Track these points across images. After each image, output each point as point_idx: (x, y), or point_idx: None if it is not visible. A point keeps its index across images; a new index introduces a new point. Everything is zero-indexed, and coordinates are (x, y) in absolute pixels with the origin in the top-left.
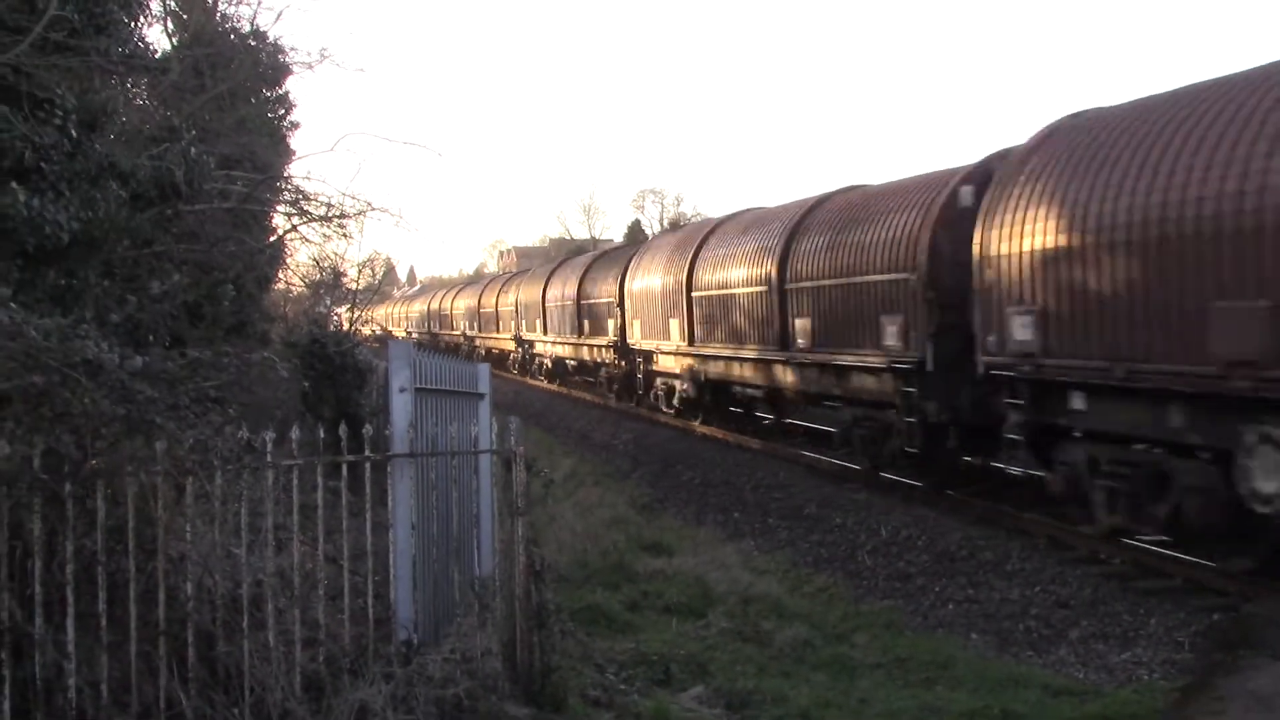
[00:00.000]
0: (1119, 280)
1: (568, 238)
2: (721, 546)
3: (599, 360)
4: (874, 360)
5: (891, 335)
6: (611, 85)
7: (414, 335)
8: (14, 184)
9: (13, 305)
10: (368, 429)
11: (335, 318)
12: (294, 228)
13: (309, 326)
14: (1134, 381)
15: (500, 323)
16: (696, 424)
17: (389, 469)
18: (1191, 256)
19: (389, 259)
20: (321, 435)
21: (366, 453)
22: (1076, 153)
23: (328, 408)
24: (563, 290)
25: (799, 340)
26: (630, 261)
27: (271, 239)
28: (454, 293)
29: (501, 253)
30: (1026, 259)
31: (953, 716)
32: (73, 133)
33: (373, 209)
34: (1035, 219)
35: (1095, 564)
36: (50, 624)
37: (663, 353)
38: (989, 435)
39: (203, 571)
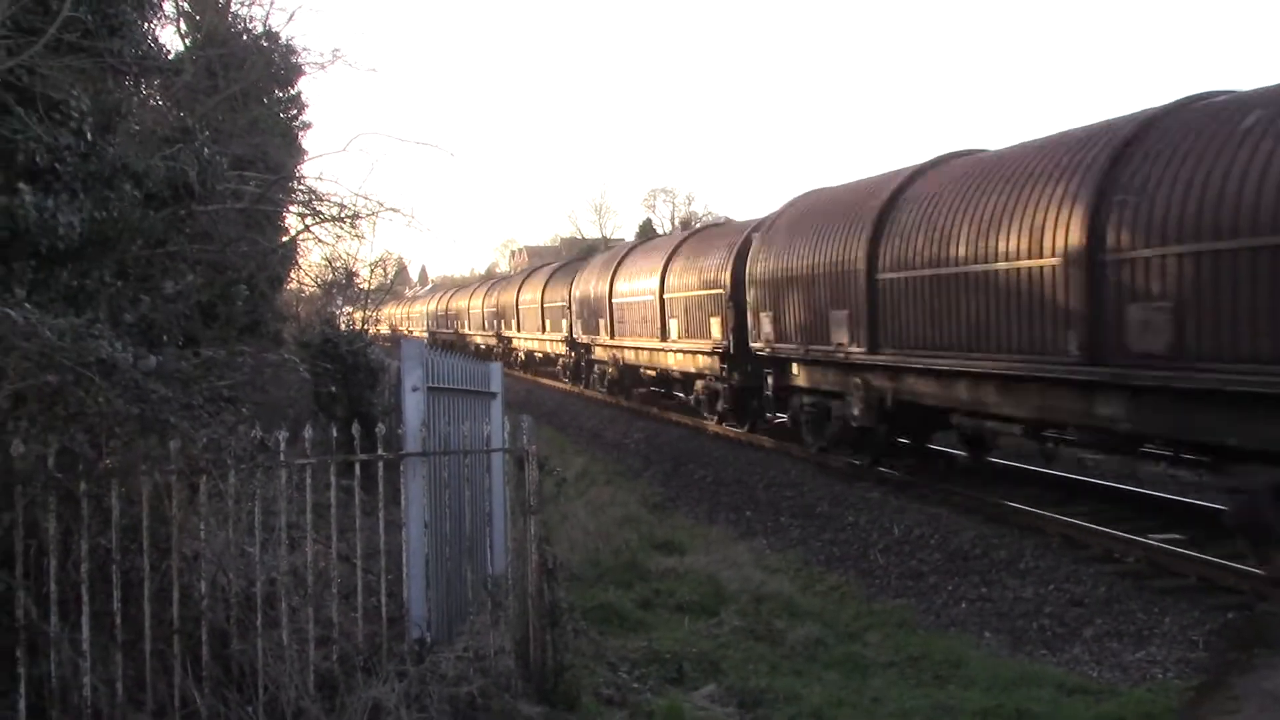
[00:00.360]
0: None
1: (579, 237)
2: (733, 545)
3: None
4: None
5: (715, 329)
6: (623, 84)
7: (425, 334)
8: (28, 185)
9: (27, 305)
10: (381, 428)
11: (347, 317)
12: (306, 228)
13: (321, 326)
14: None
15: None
16: (708, 422)
17: (402, 468)
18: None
19: (401, 259)
20: (334, 434)
21: (379, 451)
22: (791, 222)
23: (340, 407)
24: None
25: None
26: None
27: (284, 239)
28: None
29: (513, 252)
30: (764, 281)
31: (966, 715)
32: (86, 134)
33: (385, 209)
34: (766, 259)
35: (1109, 562)
36: (65, 622)
37: (598, 345)
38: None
39: (217, 570)
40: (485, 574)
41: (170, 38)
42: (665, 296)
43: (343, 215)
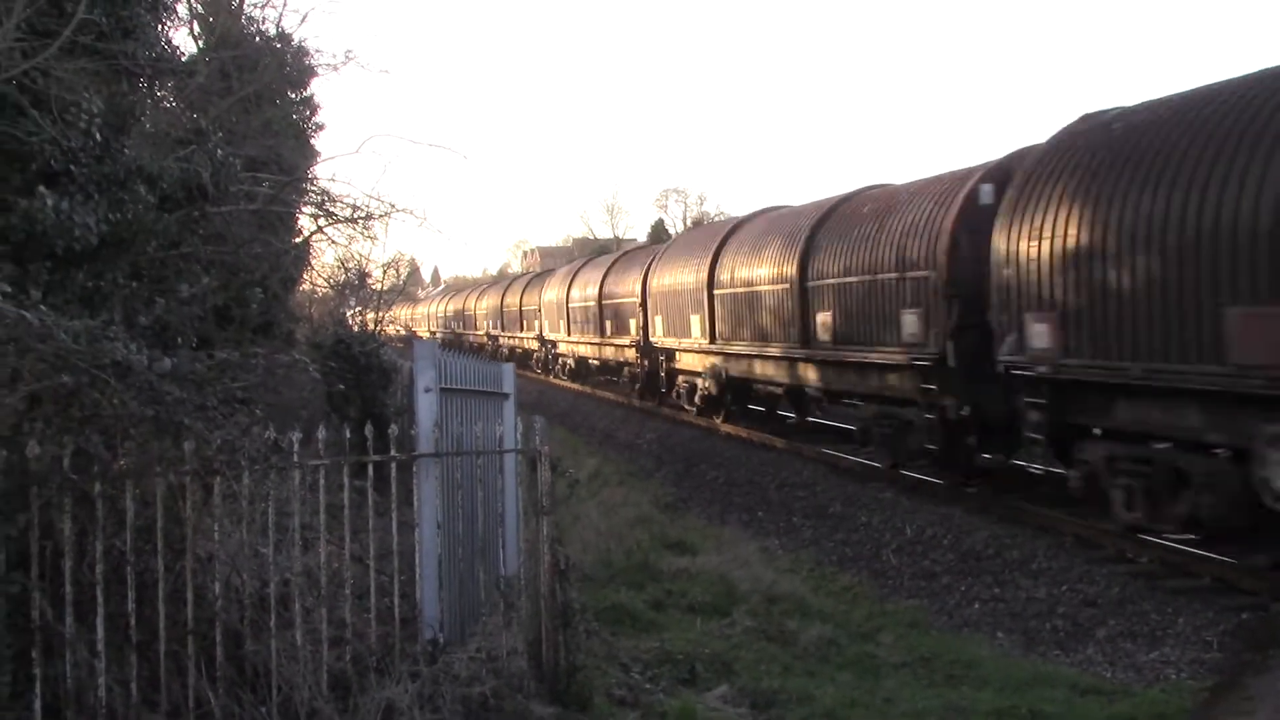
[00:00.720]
0: (675, 305)
1: (591, 237)
2: (745, 545)
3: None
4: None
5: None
6: (634, 85)
7: (438, 335)
8: (43, 187)
9: (43, 307)
10: (393, 429)
11: (359, 318)
12: (319, 229)
13: (334, 327)
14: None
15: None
16: (720, 423)
17: (415, 468)
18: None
19: (413, 260)
20: (348, 435)
21: (392, 452)
22: (671, 252)
23: (353, 408)
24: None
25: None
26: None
27: (297, 240)
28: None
29: (525, 253)
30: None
31: (979, 716)
32: (101, 136)
33: (397, 210)
34: (657, 279)
35: (1122, 563)
36: (81, 623)
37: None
38: (1009, 432)
39: (230, 571)
40: (498, 575)
41: (184, 40)
42: (603, 302)
43: (355, 216)
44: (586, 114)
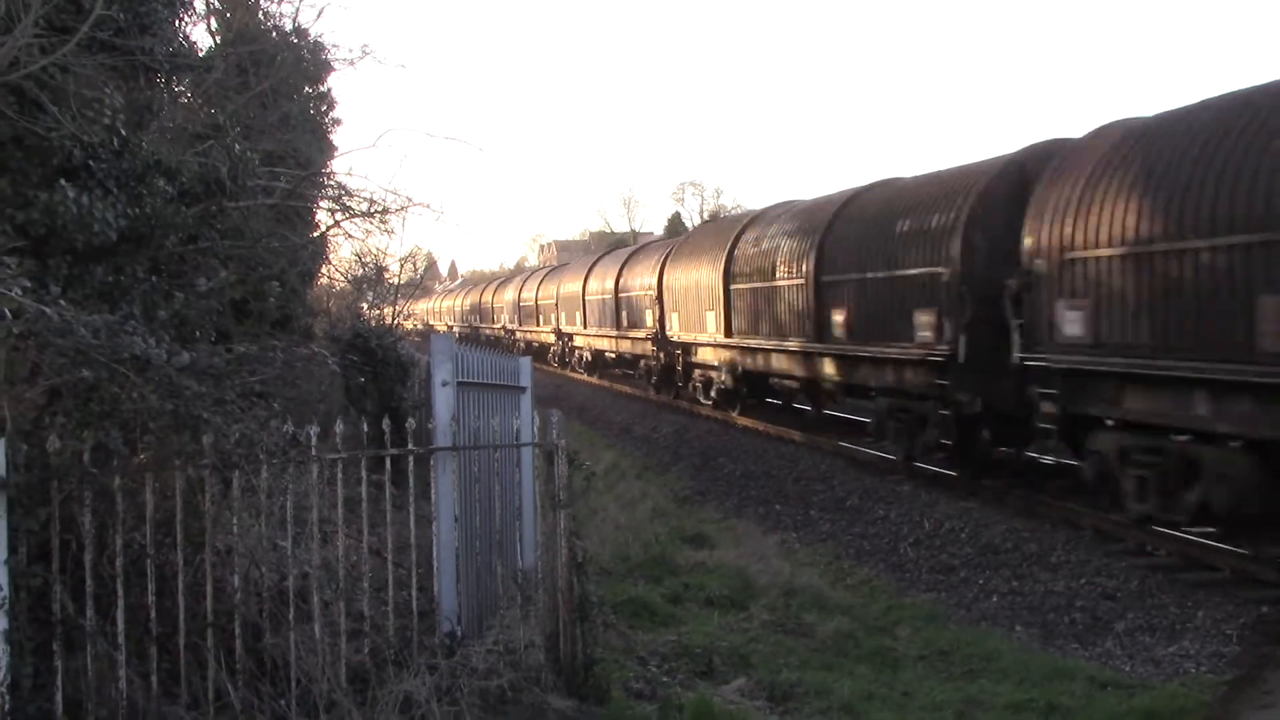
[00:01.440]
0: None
1: (608, 231)
2: (763, 539)
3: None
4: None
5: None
6: (651, 78)
7: (455, 329)
8: (63, 182)
9: (62, 302)
10: (411, 423)
11: (377, 312)
12: (337, 223)
13: (352, 321)
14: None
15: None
16: (736, 416)
17: (432, 462)
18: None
19: (430, 254)
20: (365, 429)
21: (410, 446)
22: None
23: (371, 402)
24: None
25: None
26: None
27: (315, 234)
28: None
29: (542, 246)
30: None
31: (997, 709)
32: (120, 131)
33: (414, 204)
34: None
35: (1141, 556)
36: (101, 616)
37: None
38: (1022, 425)
39: (249, 564)
40: (515, 568)
41: (201, 35)
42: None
43: (372, 210)
44: (603, 108)
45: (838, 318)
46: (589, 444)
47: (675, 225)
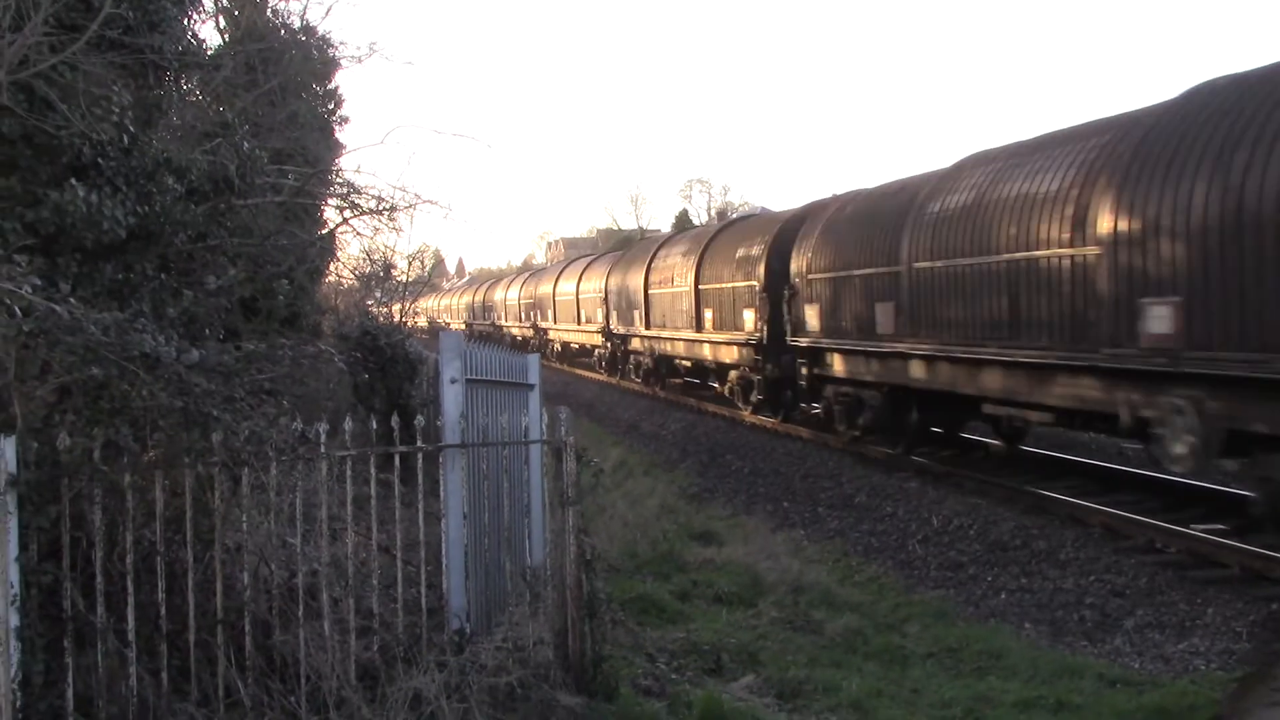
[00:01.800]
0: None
1: (615, 228)
2: (771, 536)
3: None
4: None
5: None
6: (658, 75)
7: (466, 325)
8: (73, 180)
9: (72, 300)
10: (419, 420)
11: (385, 310)
12: (345, 220)
13: (360, 318)
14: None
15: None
16: (744, 413)
17: (441, 459)
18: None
19: (438, 251)
20: (374, 426)
21: (418, 444)
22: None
23: (379, 399)
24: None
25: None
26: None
27: (323, 232)
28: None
29: (549, 243)
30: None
31: (1006, 707)
32: (129, 129)
33: (422, 201)
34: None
35: (1151, 553)
36: (111, 613)
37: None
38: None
39: (259, 561)
40: (524, 565)
41: (210, 33)
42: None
43: (380, 208)
44: (610, 105)
45: (707, 314)
46: (597, 441)
47: (682, 222)
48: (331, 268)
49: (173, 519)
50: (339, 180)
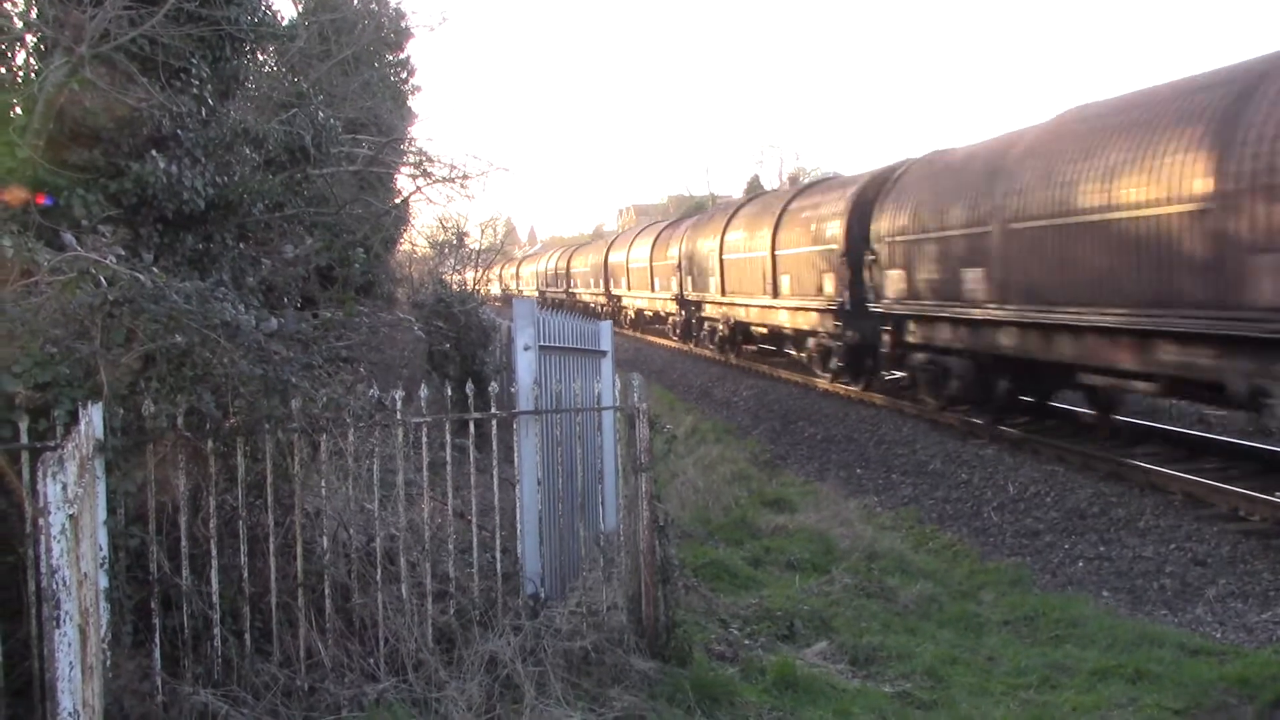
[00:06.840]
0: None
1: (687, 195)
2: (844, 503)
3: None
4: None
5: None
6: (732, 41)
7: (543, 292)
8: (153, 152)
9: (154, 269)
10: (493, 387)
11: (459, 278)
12: (418, 189)
13: (434, 286)
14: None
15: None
16: (819, 380)
17: (515, 426)
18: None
19: (509, 219)
20: (449, 393)
21: (493, 410)
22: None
23: (453, 366)
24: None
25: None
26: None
27: (397, 201)
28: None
29: (621, 211)
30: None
31: (1083, 675)
32: (208, 100)
33: (494, 168)
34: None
35: (1234, 521)
36: (196, 576)
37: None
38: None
39: (338, 526)
40: (597, 531)
41: (284, 5)
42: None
43: (453, 176)
44: (683, 70)
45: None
46: (669, 407)
47: (754, 188)
48: (405, 236)
49: (254, 484)
50: (412, 149)
